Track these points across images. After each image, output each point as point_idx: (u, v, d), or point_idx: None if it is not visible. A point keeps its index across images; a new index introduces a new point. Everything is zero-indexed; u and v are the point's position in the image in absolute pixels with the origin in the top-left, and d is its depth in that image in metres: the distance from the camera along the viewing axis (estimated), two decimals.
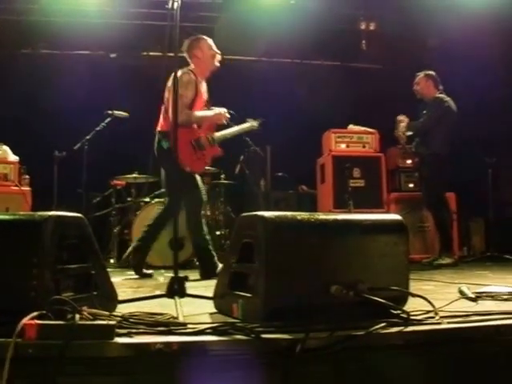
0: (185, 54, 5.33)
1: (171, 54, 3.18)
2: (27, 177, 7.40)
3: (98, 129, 7.02)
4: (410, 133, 6.89)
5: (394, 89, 4.95)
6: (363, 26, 8.31)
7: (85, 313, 2.18)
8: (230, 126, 6.11)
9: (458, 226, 7.70)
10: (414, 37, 8.24)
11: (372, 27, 8.32)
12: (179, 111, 4.78)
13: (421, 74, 6.96)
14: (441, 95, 6.87)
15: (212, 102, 7.25)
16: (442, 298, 3.06)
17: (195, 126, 5.27)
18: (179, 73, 5.01)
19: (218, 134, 5.44)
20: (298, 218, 2.49)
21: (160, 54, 7.45)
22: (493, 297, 3.16)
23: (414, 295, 2.68)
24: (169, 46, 3.16)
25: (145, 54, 8.75)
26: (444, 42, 8.16)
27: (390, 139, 7.53)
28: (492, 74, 7.46)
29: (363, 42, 8.27)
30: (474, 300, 3.05)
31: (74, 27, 7.97)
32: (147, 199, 7.10)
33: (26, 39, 8.40)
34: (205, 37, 5.46)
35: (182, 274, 2.98)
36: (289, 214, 2.54)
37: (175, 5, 3.02)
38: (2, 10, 7.67)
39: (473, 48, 7.58)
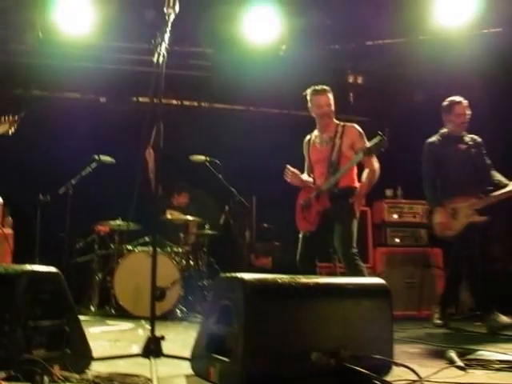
0: None
1: (157, 101, 3.16)
2: (10, 219, 7.29)
3: (83, 173, 6.97)
4: None
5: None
6: (351, 80, 8.42)
7: (55, 376, 2.10)
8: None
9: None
10: (401, 91, 8.34)
11: (359, 81, 8.43)
12: None
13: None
14: None
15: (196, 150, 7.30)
16: (429, 365, 2.99)
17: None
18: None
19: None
20: (279, 281, 2.43)
21: (148, 100, 7.47)
22: (483, 365, 3.03)
23: (397, 364, 2.59)
24: (155, 93, 3.15)
25: (134, 99, 8.76)
26: (430, 97, 8.23)
27: (376, 193, 7.52)
28: (477, 128, 7.52)
29: (351, 94, 8.37)
30: (463, 369, 2.92)
31: (66, 70, 7.98)
32: (130, 247, 7.00)
33: (18, 80, 8.40)
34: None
35: (162, 326, 2.91)
36: (269, 276, 2.48)
37: (161, 59, 3.03)
38: None
39: None
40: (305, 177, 5.48)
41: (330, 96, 5.34)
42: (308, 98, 5.37)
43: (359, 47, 7.72)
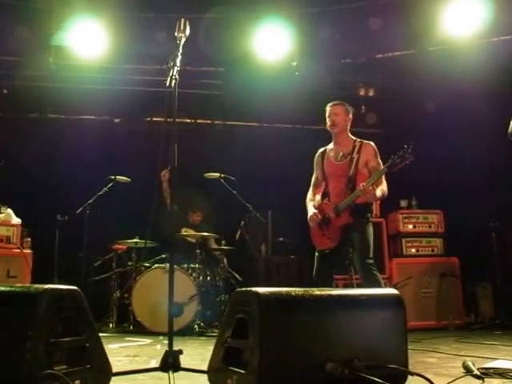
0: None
1: (170, 120, 3.22)
2: (29, 239, 7.39)
3: (100, 193, 7.04)
4: None
5: (392, 153, 4.98)
6: (362, 92, 8.47)
7: None
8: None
9: (463, 292, 7.58)
10: (412, 102, 8.36)
11: (371, 93, 8.48)
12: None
13: None
14: None
15: (210, 167, 7.36)
16: (445, 374, 2.99)
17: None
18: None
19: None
20: (293, 293, 2.47)
21: (162, 120, 7.55)
22: (501, 374, 2.98)
23: (412, 374, 2.59)
24: (168, 113, 3.21)
25: (148, 119, 8.86)
26: (441, 106, 8.25)
27: (391, 204, 7.52)
28: (489, 139, 7.51)
29: (363, 107, 8.41)
30: (479, 378, 2.88)
31: (81, 93, 8.10)
32: (147, 264, 7.07)
33: (34, 104, 8.54)
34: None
35: (180, 341, 2.94)
36: (283, 289, 2.52)
37: (173, 82, 3.09)
38: (12, 76, 7.82)
39: (470, 113, 7.64)
40: (312, 209, 5.38)
41: (340, 108, 5.26)
42: None
43: (369, 60, 7.77)
